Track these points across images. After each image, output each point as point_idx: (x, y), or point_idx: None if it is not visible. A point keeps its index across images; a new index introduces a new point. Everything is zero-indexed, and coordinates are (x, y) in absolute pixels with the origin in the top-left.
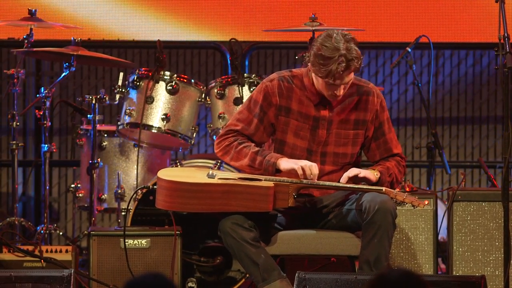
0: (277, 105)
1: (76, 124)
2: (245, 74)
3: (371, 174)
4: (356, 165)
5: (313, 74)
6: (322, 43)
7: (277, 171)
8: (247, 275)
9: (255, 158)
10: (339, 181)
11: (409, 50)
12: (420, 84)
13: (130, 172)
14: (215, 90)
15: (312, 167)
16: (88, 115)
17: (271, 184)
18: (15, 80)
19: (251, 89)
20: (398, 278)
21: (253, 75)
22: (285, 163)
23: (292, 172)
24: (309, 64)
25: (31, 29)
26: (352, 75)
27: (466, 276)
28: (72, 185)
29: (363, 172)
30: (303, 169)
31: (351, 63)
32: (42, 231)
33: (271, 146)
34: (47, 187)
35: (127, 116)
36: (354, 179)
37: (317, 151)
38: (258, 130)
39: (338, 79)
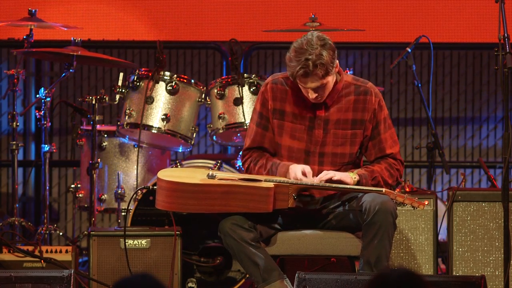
0: (271, 109)
1: (76, 124)
2: (245, 74)
3: (347, 177)
4: (357, 165)
5: None
6: (296, 44)
7: None
8: (247, 276)
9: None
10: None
11: (409, 50)
12: (419, 84)
13: (130, 172)
14: (215, 90)
15: (301, 172)
16: (88, 115)
17: (271, 184)
18: (15, 80)
19: (251, 89)
20: (398, 278)
21: (253, 75)
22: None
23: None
24: None
25: (31, 29)
26: (320, 82)
27: (466, 276)
28: (72, 185)
29: (337, 175)
30: (296, 177)
31: (314, 69)
32: (42, 231)
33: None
34: (47, 187)
35: (127, 116)
36: (329, 182)
37: (315, 151)
38: (264, 137)
39: (300, 82)
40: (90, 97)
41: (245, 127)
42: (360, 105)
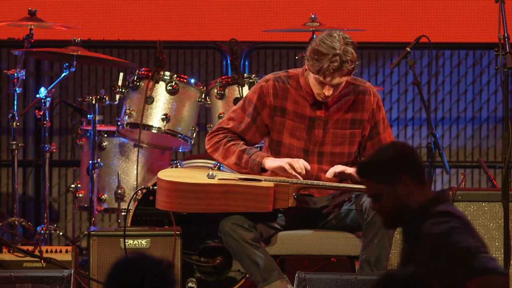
0: (271, 105)
1: (76, 124)
2: (245, 74)
3: (355, 172)
4: (355, 164)
5: (306, 71)
6: (322, 39)
7: (263, 170)
8: (247, 275)
9: (241, 156)
10: (339, 181)
11: (409, 50)
12: (420, 84)
13: (130, 172)
14: (215, 90)
15: (299, 161)
16: (88, 115)
17: (271, 184)
18: (15, 80)
19: None
20: (406, 278)
21: (253, 75)
22: (270, 162)
23: (279, 171)
24: (305, 61)
25: (31, 29)
26: (343, 79)
27: None
28: (72, 185)
29: (349, 169)
30: (291, 165)
31: (343, 65)
32: (42, 231)
33: (269, 149)
34: (47, 187)
35: (127, 116)
36: (340, 175)
37: (314, 151)
38: (249, 129)
39: (328, 77)
40: (90, 97)
41: None
42: (359, 105)
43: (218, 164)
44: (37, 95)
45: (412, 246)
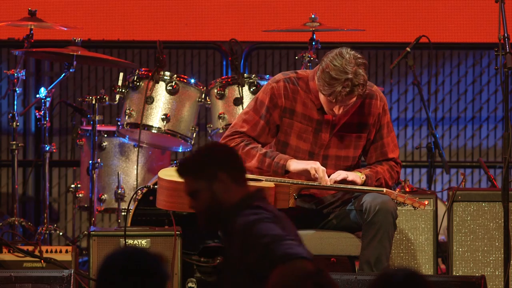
0: (282, 106)
1: (76, 124)
2: (245, 74)
3: (357, 177)
4: (357, 167)
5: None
6: (332, 61)
7: (286, 173)
8: None
9: (263, 160)
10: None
11: (409, 50)
12: (420, 84)
13: (130, 172)
14: (215, 90)
15: (323, 171)
16: (88, 115)
17: (271, 184)
18: (15, 80)
19: (251, 89)
20: (402, 278)
21: (253, 75)
22: (295, 164)
23: (303, 173)
24: (315, 73)
25: (31, 29)
26: (353, 100)
27: (466, 276)
28: (72, 185)
29: (350, 176)
30: (315, 170)
31: (355, 89)
32: (42, 231)
33: (273, 148)
34: (47, 187)
35: (127, 116)
36: (342, 182)
37: (319, 154)
38: (264, 132)
39: (339, 102)
40: (90, 97)
41: None
42: (366, 108)
43: None
44: (37, 95)
45: (228, 243)
